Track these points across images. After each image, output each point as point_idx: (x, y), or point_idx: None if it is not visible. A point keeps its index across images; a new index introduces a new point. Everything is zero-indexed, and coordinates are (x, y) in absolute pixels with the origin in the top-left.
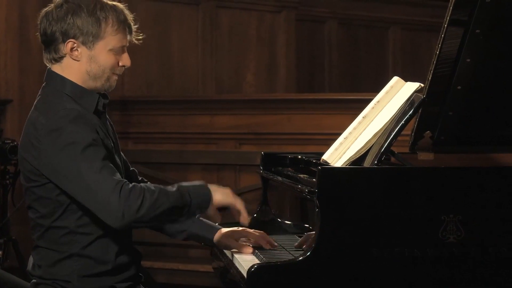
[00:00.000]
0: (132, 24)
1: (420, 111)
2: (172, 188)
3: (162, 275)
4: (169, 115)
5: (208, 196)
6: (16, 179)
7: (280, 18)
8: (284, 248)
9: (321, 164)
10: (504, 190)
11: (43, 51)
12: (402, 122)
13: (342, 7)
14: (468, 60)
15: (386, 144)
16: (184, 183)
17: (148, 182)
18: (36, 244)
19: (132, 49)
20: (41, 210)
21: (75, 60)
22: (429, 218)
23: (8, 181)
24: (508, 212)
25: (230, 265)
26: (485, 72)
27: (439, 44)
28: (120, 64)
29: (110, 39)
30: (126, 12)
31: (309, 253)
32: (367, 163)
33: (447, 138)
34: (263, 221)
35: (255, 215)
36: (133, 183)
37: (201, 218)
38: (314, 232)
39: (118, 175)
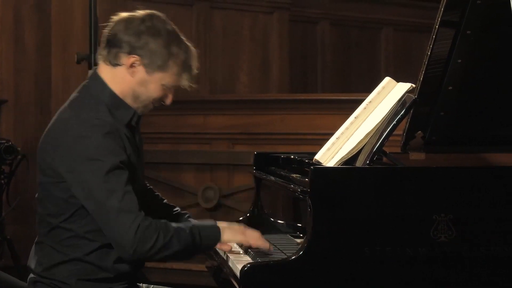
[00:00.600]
0: (194, 72)
1: (411, 111)
2: (186, 230)
3: (156, 274)
4: (163, 115)
5: (218, 238)
6: (11, 179)
7: (273, 19)
8: (277, 247)
9: (313, 164)
10: (495, 189)
11: (102, 47)
12: (394, 122)
13: (335, 8)
14: (459, 60)
15: (378, 144)
16: (198, 223)
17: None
18: (40, 240)
19: None
20: (50, 207)
21: (130, 75)
22: (421, 218)
23: (3, 181)
24: (499, 211)
25: (224, 264)
26: (476, 73)
27: (430, 45)
28: (162, 99)
29: (169, 76)
30: (195, 58)
31: (301, 252)
32: (359, 163)
33: (439, 138)
34: (256, 220)
35: (248, 214)
36: (150, 221)
37: (189, 219)
38: None
39: (136, 205)
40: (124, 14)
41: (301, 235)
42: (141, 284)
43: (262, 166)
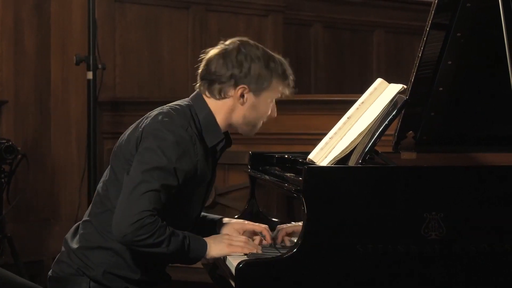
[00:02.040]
0: (292, 78)
1: (403, 111)
2: (179, 237)
3: None
4: None
5: (204, 253)
6: (11, 178)
7: (268, 22)
8: (271, 244)
9: (307, 163)
10: (485, 188)
11: (202, 82)
12: (386, 122)
13: (328, 11)
14: (450, 62)
15: (370, 143)
16: (192, 234)
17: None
18: (89, 219)
19: (123, 52)
20: (111, 190)
21: (240, 104)
22: (412, 216)
23: (3, 180)
24: (489, 210)
25: (219, 261)
26: (466, 74)
27: (421, 47)
28: (269, 114)
29: (274, 92)
30: (288, 66)
31: (295, 249)
32: (351, 162)
33: (429, 138)
34: (251, 219)
35: (243, 213)
36: (154, 219)
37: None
38: (285, 225)
39: (156, 205)
40: (217, 50)
41: None
42: None
43: (257, 165)
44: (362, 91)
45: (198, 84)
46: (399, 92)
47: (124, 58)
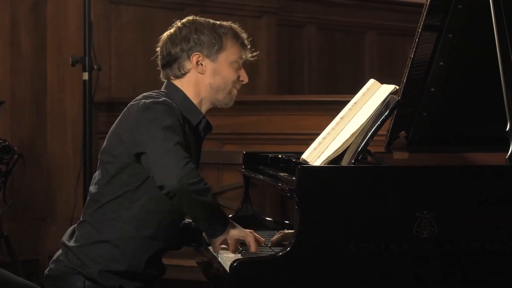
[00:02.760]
0: (247, 41)
1: (395, 112)
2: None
3: None
4: None
5: (226, 225)
6: (7, 178)
7: (261, 23)
8: (265, 244)
9: (300, 163)
10: (476, 188)
11: (163, 69)
12: (378, 122)
13: (321, 12)
14: (441, 63)
15: (363, 143)
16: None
17: None
18: (84, 219)
19: (119, 52)
20: (103, 186)
21: (200, 73)
22: (404, 215)
23: (0, 180)
24: (480, 209)
25: (214, 260)
26: (458, 75)
27: (413, 48)
28: (239, 79)
29: (231, 52)
30: (241, 30)
31: (289, 248)
32: (344, 162)
33: (421, 138)
34: (245, 218)
35: (237, 212)
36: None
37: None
38: (287, 230)
39: (187, 154)
40: (163, 35)
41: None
42: None
43: (250, 165)
44: (355, 92)
45: (161, 74)
46: (392, 93)
47: (119, 59)
